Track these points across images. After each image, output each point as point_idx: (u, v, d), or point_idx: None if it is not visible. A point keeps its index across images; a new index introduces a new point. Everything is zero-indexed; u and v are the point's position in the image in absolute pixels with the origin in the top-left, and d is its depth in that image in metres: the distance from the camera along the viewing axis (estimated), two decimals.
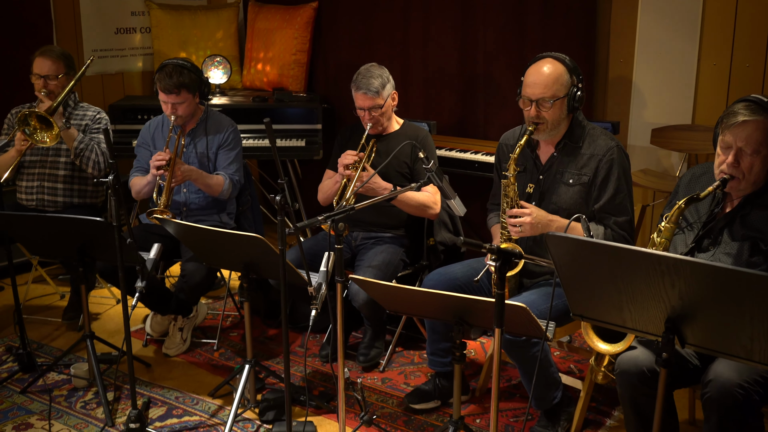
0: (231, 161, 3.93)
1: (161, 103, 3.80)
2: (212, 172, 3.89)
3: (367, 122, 3.69)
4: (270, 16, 5.58)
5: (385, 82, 3.68)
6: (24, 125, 3.77)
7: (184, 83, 3.73)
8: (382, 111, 3.69)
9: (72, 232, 3.24)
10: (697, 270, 1.92)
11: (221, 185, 3.85)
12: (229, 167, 3.92)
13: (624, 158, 3.08)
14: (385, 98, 3.68)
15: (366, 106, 3.67)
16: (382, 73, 3.70)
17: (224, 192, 3.87)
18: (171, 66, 3.73)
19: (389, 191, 3.52)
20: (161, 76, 3.72)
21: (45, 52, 4.05)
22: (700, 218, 2.72)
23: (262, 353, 3.93)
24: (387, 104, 3.71)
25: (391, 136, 3.79)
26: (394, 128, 3.83)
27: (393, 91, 3.74)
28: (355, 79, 3.69)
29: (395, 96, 3.77)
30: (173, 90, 3.71)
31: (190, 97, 3.79)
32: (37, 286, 4.75)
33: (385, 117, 3.74)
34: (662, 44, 4.30)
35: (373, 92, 3.63)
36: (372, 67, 3.71)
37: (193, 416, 3.37)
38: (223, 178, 3.87)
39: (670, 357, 2.13)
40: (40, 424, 3.29)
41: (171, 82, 3.70)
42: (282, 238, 2.61)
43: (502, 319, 2.29)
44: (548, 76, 2.98)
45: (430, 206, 3.67)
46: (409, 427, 3.30)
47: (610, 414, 3.35)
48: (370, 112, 3.67)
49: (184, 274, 3.74)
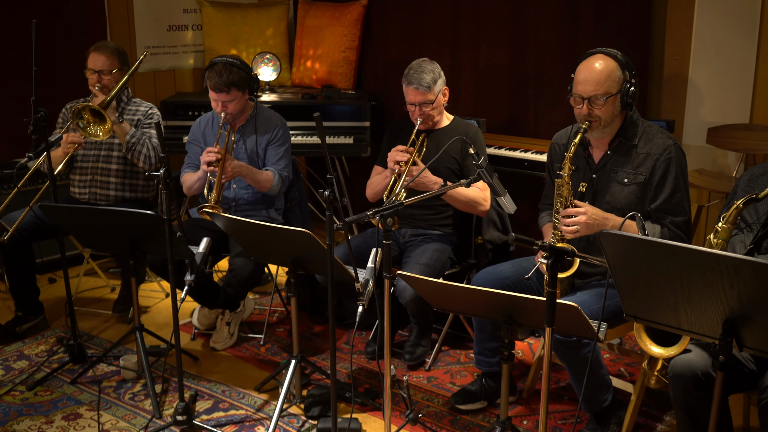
0: (280, 157, 3.93)
1: (211, 100, 3.82)
2: (261, 168, 3.90)
3: (417, 117, 3.65)
4: (320, 13, 5.59)
5: (436, 78, 3.63)
6: (78, 119, 3.83)
7: (234, 81, 3.74)
8: (433, 106, 3.65)
9: (123, 225, 3.28)
10: (757, 270, 1.86)
11: (270, 181, 3.86)
12: (278, 163, 3.92)
13: (681, 157, 3.00)
14: (436, 94, 3.64)
15: (417, 102, 3.63)
16: (434, 68, 3.65)
17: (273, 188, 3.88)
18: (221, 64, 3.74)
19: (439, 186, 3.48)
20: (211, 74, 3.74)
21: (99, 48, 4.10)
22: (759, 219, 2.64)
23: (309, 349, 3.94)
24: (438, 100, 3.67)
25: (441, 131, 3.76)
26: (444, 124, 3.79)
27: (444, 86, 3.70)
28: (407, 73, 3.65)
29: (446, 92, 3.72)
30: (223, 88, 3.73)
31: (240, 94, 3.81)
32: (89, 278, 4.83)
33: (436, 112, 3.70)
34: (719, 41, 4.19)
35: (425, 87, 3.59)
36: (423, 62, 3.67)
37: (239, 410, 3.38)
38: (272, 173, 3.88)
39: (728, 360, 2.07)
40: (89, 414, 3.34)
41: (221, 80, 3.71)
42: (330, 233, 2.60)
43: (554, 317, 2.25)
44: (600, 73, 2.91)
45: (480, 203, 3.62)
46: (454, 426, 3.27)
47: (662, 419, 3.28)
48: (421, 108, 3.64)
49: (232, 268, 3.76)
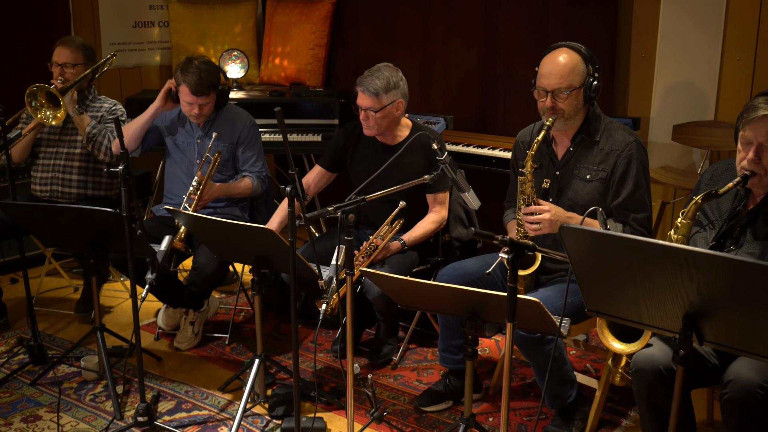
0: (255, 159, 3.92)
1: (183, 104, 3.76)
2: (232, 168, 3.88)
3: (362, 121, 3.52)
4: (288, 10, 5.55)
5: (389, 87, 3.43)
6: (32, 98, 3.76)
7: (213, 83, 3.71)
8: (378, 116, 3.47)
9: (84, 223, 3.22)
10: (716, 263, 1.85)
11: (250, 188, 3.88)
12: (255, 165, 3.92)
13: (643, 153, 3.00)
14: (383, 103, 3.44)
15: (364, 106, 3.47)
16: (392, 77, 3.46)
17: (256, 191, 3.91)
18: (197, 66, 3.67)
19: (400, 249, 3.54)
20: (190, 77, 3.65)
21: (66, 41, 4.07)
22: (721, 216, 2.64)
23: (275, 348, 3.90)
24: (387, 110, 3.47)
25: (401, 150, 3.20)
26: (400, 138, 3.61)
27: (399, 99, 3.48)
28: (362, 75, 3.50)
29: (400, 106, 3.50)
30: (204, 91, 3.68)
31: (215, 95, 3.79)
32: (52, 278, 4.75)
33: (385, 123, 3.51)
34: (685, 39, 4.21)
35: (371, 93, 3.42)
36: (384, 68, 3.49)
37: (202, 410, 3.34)
38: (250, 180, 3.89)
39: (688, 354, 2.06)
40: (48, 416, 3.27)
41: (202, 83, 3.66)
42: (292, 229, 2.57)
43: (515, 313, 2.23)
44: (564, 66, 2.91)
45: (436, 228, 3.63)
46: (420, 424, 3.24)
47: (626, 414, 3.28)
48: (366, 113, 3.49)
49: (196, 266, 3.71)
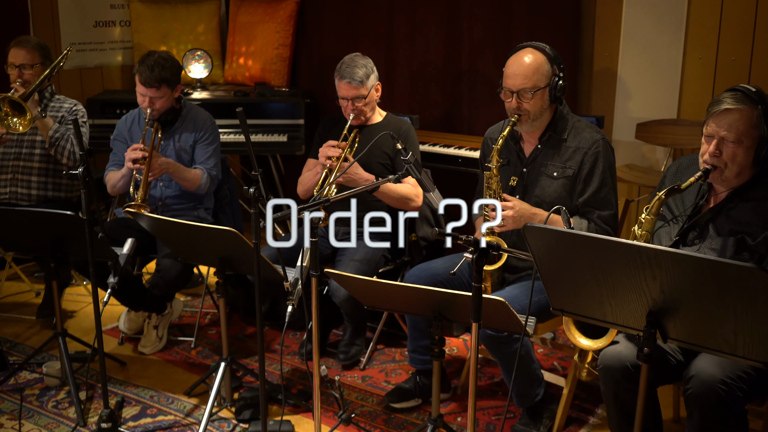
0: (209, 156, 3.85)
1: (138, 95, 3.72)
2: (190, 167, 3.81)
3: (349, 113, 3.61)
4: (252, 9, 5.50)
5: (369, 72, 3.60)
6: None
7: (166, 78, 3.65)
8: (365, 102, 3.62)
9: (43, 226, 3.15)
10: (678, 261, 1.86)
11: (199, 179, 3.77)
12: (207, 162, 3.84)
13: (609, 151, 3.02)
14: (369, 89, 3.61)
15: (349, 96, 3.59)
16: (367, 63, 3.62)
17: (202, 186, 3.79)
18: (153, 59, 3.65)
19: (370, 183, 3.44)
20: (142, 68, 3.64)
21: (20, 42, 3.99)
22: (685, 210, 2.66)
23: (242, 351, 3.86)
24: (371, 95, 3.64)
25: (373, 127, 3.71)
26: (376, 120, 3.75)
27: (377, 82, 3.67)
28: (339, 67, 3.61)
29: (379, 87, 3.69)
30: (153, 84, 3.64)
31: (169, 92, 3.72)
32: (12, 283, 4.66)
33: (369, 108, 3.67)
34: (647, 37, 4.24)
35: (357, 82, 3.56)
36: (356, 57, 3.63)
37: (167, 415, 3.29)
38: (200, 172, 3.80)
39: (652, 352, 2.07)
40: (10, 424, 3.21)
41: (152, 75, 3.62)
42: (256, 231, 2.54)
43: (479, 313, 2.22)
44: (528, 67, 2.92)
45: (413, 198, 3.60)
46: (388, 425, 3.23)
47: (594, 412, 3.30)
48: (353, 103, 3.60)
49: (159, 269, 3.66)
